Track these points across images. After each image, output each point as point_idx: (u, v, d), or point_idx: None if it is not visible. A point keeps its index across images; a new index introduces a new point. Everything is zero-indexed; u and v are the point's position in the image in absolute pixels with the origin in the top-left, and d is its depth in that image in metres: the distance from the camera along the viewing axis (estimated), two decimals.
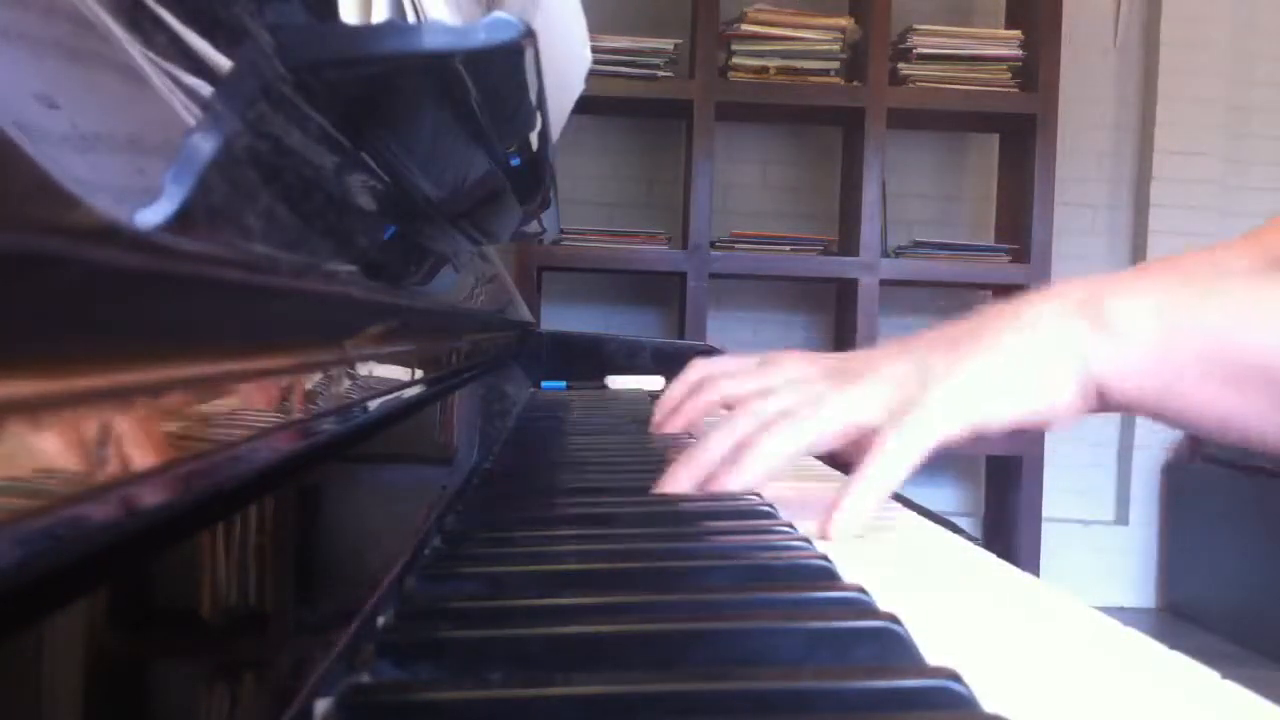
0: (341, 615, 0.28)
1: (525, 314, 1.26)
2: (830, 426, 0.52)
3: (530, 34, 0.39)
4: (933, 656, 0.28)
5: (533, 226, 0.98)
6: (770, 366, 0.77)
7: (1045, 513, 2.77)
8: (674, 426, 0.76)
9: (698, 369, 0.81)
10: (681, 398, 0.80)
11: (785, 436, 0.52)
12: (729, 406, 0.77)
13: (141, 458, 0.17)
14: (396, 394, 0.39)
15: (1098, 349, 0.49)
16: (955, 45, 2.71)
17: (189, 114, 0.21)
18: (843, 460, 0.56)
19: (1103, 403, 0.51)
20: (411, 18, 0.40)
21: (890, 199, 2.81)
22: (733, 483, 0.52)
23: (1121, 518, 3.07)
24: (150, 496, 0.18)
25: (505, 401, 0.92)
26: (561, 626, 0.29)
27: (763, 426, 0.53)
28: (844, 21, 2.69)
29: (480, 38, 0.38)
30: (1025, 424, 0.51)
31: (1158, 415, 0.51)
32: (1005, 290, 2.78)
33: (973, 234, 2.99)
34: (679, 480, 0.54)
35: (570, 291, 2.98)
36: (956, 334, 0.53)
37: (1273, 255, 0.73)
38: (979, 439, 0.50)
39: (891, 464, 0.48)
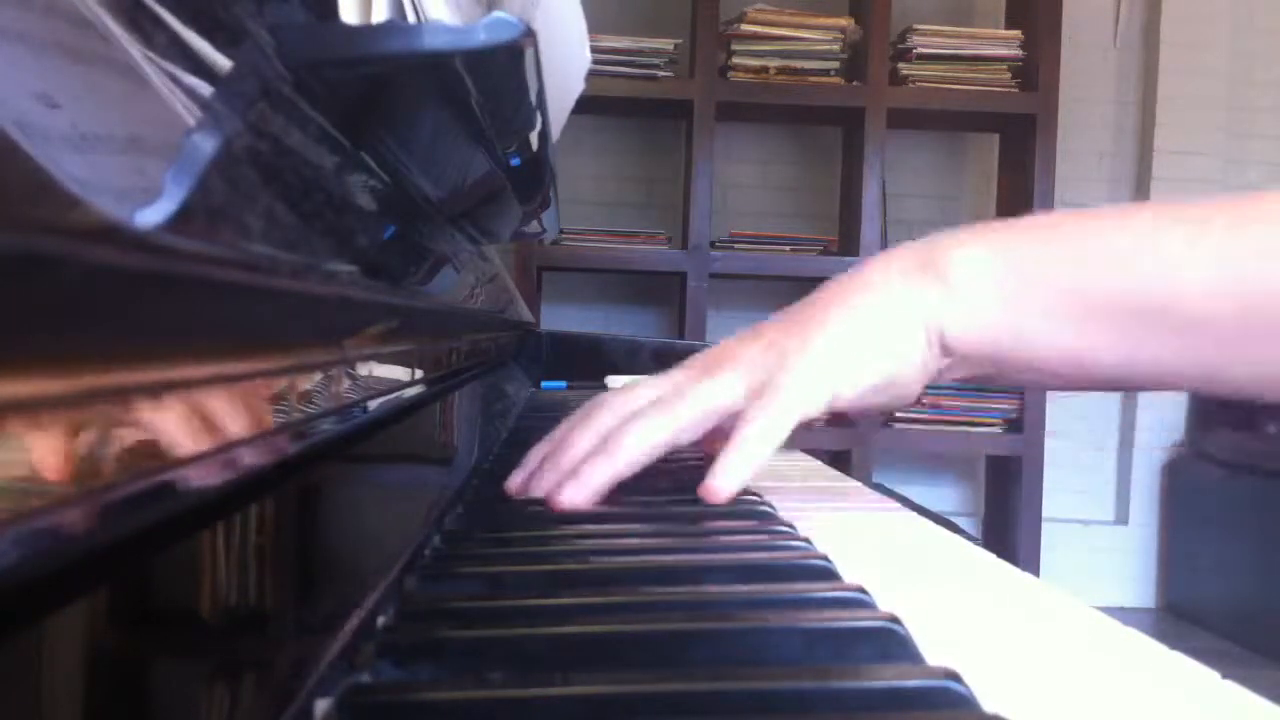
0: (341, 615, 0.28)
1: (525, 314, 1.26)
2: (691, 414, 0.51)
3: (530, 34, 0.39)
4: (933, 656, 0.28)
5: (533, 226, 0.98)
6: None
7: (1045, 513, 2.76)
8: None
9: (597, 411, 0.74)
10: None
11: (647, 428, 0.51)
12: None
13: (141, 458, 0.17)
14: (396, 394, 0.39)
15: (940, 304, 0.50)
16: (955, 45, 2.71)
17: (189, 114, 0.21)
18: (709, 452, 0.55)
19: (951, 358, 0.51)
20: (411, 18, 0.40)
21: (890, 199, 2.81)
22: (597, 475, 0.49)
23: (1121, 518, 3.07)
24: (150, 496, 0.18)
25: (505, 401, 0.92)
26: (561, 626, 0.29)
27: (623, 421, 0.52)
28: (844, 21, 2.69)
29: (480, 38, 0.38)
30: (881, 392, 0.51)
31: (1005, 365, 0.51)
32: None
33: None
34: (537, 482, 0.51)
35: (570, 291, 2.98)
36: (805, 310, 0.53)
37: None
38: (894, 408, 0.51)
39: (755, 441, 0.49)
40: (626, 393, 0.55)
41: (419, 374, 0.45)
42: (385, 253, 0.40)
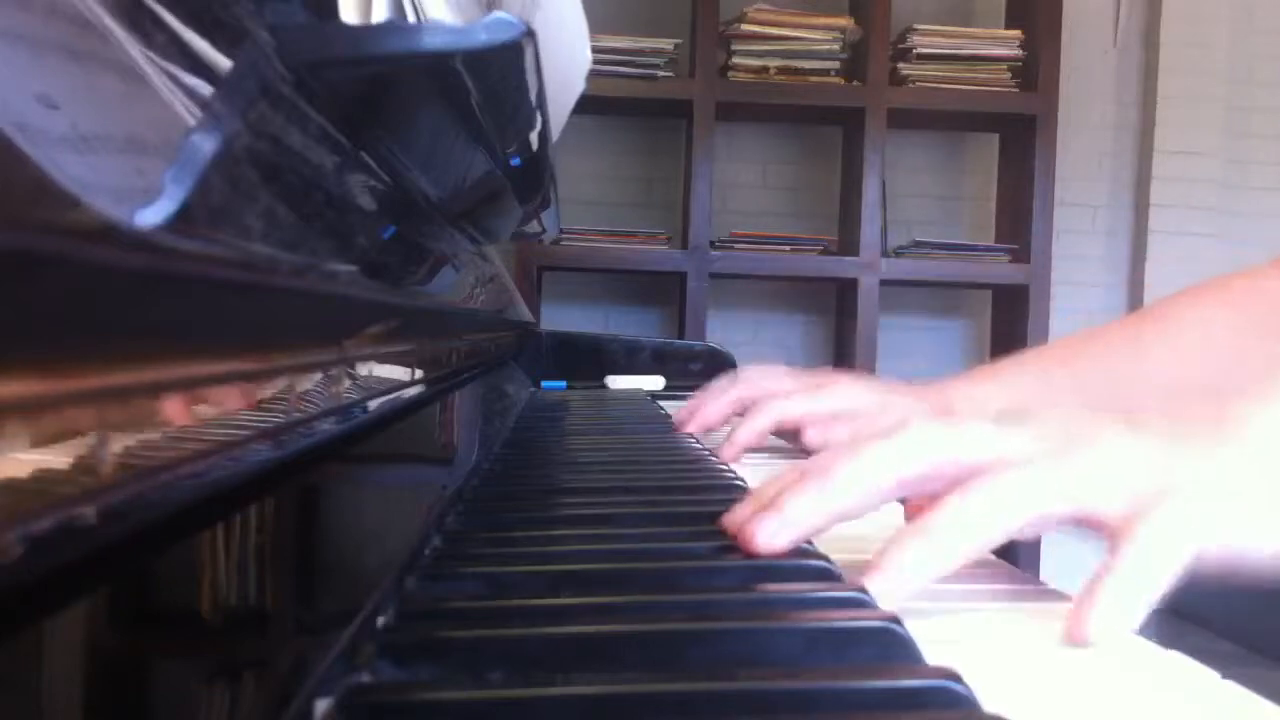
0: (341, 615, 0.28)
1: (525, 314, 1.26)
2: (1039, 512, 0.37)
3: (530, 34, 0.39)
4: (933, 656, 0.28)
5: (533, 226, 0.98)
6: (830, 390, 0.70)
7: None
8: (727, 456, 0.68)
9: (746, 383, 0.76)
10: (725, 414, 0.75)
11: (1015, 510, 0.37)
12: (781, 433, 0.72)
13: (141, 458, 0.17)
14: (396, 394, 0.39)
15: None
16: (955, 45, 2.71)
17: (189, 114, 0.21)
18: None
19: None
20: (411, 18, 0.40)
21: (890, 199, 2.81)
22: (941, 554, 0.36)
23: None
24: (150, 496, 0.18)
25: (505, 401, 0.92)
26: (561, 626, 0.29)
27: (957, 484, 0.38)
28: (844, 21, 2.69)
29: (480, 38, 0.38)
30: (1245, 566, 0.38)
31: None
32: (1005, 290, 2.79)
33: (973, 234, 2.99)
34: (800, 516, 0.39)
35: (570, 291, 2.98)
36: (1203, 423, 0.41)
37: None
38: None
39: (1152, 572, 0.36)
40: (957, 432, 0.40)
41: (419, 374, 0.45)
42: (385, 253, 0.40)
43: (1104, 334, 0.77)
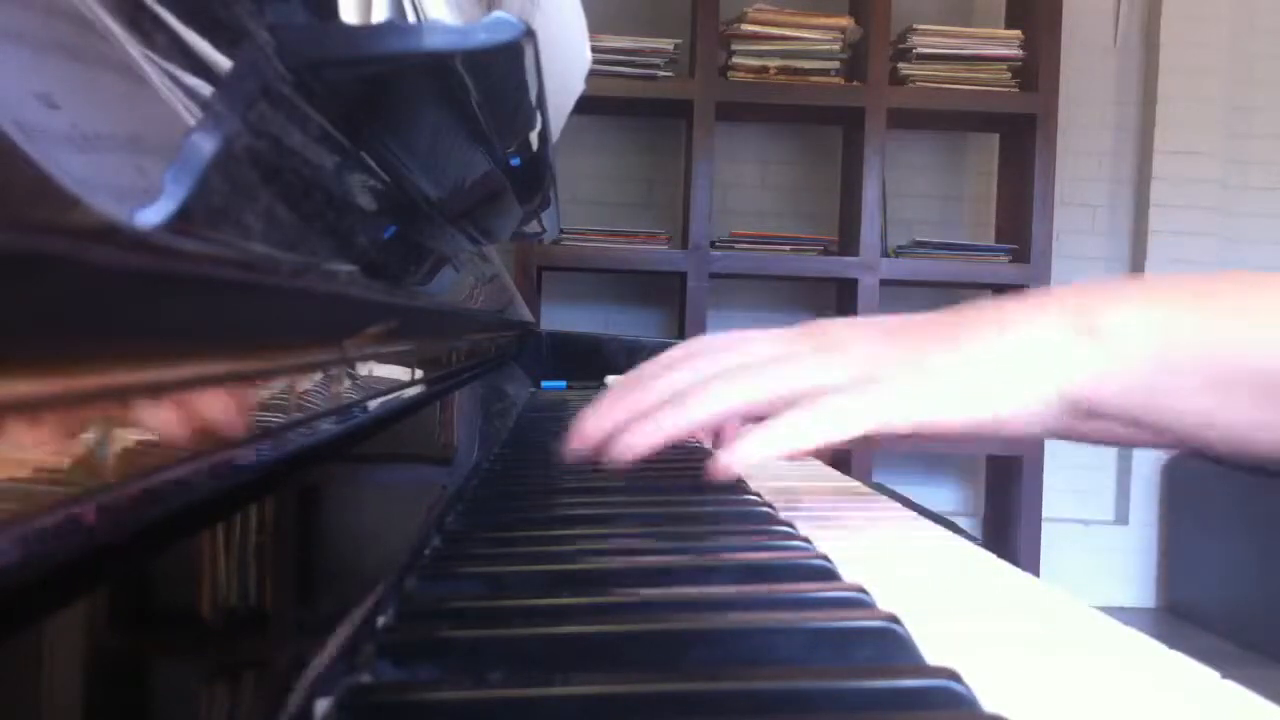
0: (341, 615, 0.28)
1: (525, 314, 1.26)
2: (773, 389, 0.50)
3: (530, 34, 0.39)
4: (933, 656, 0.28)
5: (533, 226, 0.98)
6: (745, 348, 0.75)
7: (1045, 513, 2.77)
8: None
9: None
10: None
11: (733, 385, 0.50)
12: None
13: (141, 458, 0.17)
14: (396, 394, 0.39)
15: (1084, 357, 0.47)
16: (955, 45, 2.71)
17: (189, 114, 0.21)
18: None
19: (1084, 413, 0.48)
20: (411, 18, 0.40)
21: (890, 199, 2.81)
22: (666, 423, 0.50)
23: (1121, 518, 3.07)
24: (150, 496, 0.18)
25: (505, 401, 0.92)
26: (561, 626, 0.29)
27: (705, 379, 0.51)
28: (844, 21, 2.69)
29: (480, 38, 0.38)
30: (980, 430, 0.49)
31: (1143, 427, 0.48)
32: (1005, 290, 2.79)
33: (973, 234, 2.99)
34: (599, 422, 0.52)
35: (570, 291, 2.98)
36: (936, 324, 0.51)
37: None
38: (980, 439, 0.49)
39: (817, 421, 0.47)
40: (729, 347, 0.54)
41: (419, 374, 0.45)
42: (385, 253, 0.40)
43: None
